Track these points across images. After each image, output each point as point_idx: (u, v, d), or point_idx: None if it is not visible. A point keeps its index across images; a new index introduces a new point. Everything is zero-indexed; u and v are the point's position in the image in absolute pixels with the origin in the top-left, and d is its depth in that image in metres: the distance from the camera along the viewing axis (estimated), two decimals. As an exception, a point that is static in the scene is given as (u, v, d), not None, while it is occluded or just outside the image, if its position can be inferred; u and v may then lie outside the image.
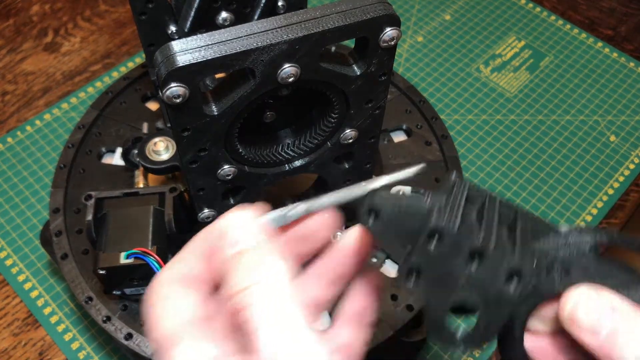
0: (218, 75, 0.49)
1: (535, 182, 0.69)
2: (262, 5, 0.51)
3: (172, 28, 0.54)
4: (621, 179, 0.69)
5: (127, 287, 0.49)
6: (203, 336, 0.26)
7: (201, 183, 0.42)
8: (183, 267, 0.29)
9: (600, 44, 0.81)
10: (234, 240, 0.27)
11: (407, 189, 0.32)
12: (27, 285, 0.60)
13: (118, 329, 0.50)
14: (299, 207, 0.29)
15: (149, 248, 0.47)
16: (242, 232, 0.27)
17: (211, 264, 0.28)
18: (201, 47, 0.33)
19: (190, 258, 0.29)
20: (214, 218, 0.45)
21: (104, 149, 0.62)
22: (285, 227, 0.30)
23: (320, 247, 0.31)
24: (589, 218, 0.66)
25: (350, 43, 0.70)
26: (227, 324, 0.27)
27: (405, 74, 0.77)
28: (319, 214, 0.30)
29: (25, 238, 0.63)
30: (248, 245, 0.27)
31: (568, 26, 0.83)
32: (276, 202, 0.51)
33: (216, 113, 0.36)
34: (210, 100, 0.37)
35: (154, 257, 0.46)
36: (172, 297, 0.27)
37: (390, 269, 0.56)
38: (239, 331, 0.25)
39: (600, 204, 0.67)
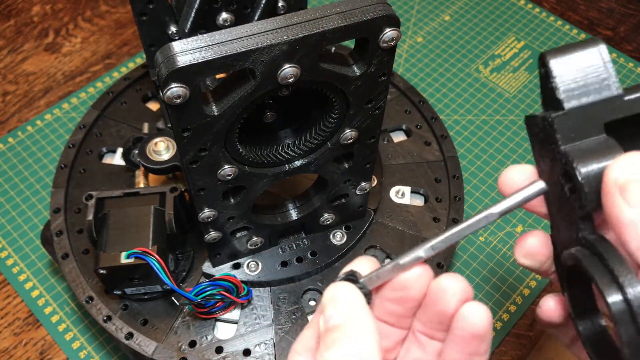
0: (218, 76, 0.49)
1: (535, 182, 0.69)
2: (262, 5, 0.51)
3: (173, 28, 0.54)
4: (620, 179, 0.69)
5: (128, 286, 0.49)
6: None
7: (201, 183, 0.42)
8: (307, 338, 0.30)
9: (599, 44, 0.81)
10: (327, 315, 0.27)
11: (406, 189, 0.31)
12: (28, 285, 0.60)
13: (119, 328, 0.50)
14: (390, 265, 0.28)
15: (150, 248, 0.47)
16: (334, 307, 0.27)
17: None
18: (202, 47, 0.33)
19: (312, 326, 0.30)
20: (214, 218, 0.46)
21: (104, 149, 0.62)
22: (380, 286, 0.29)
23: (415, 305, 0.30)
24: None
25: (350, 43, 0.70)
26: None
27: (405, 74, 0.77)
28: (410, 270, 0.29)
29: (26, 238, 0.63)
30: (336, 322, 0.27)
31: (567, 27, 0.83)
32: (276, 202, 0.52)
33: (216, 113, 0.37)
34: (211, 101, 0.37)
35: (155, 257, 0.46)
36: None
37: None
38: None
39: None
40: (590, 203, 0.25)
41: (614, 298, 0.23)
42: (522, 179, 0.30)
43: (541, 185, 0.28)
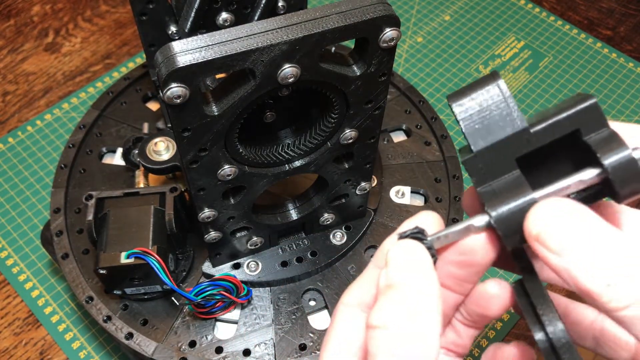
0: (218, 76, 0.49)
1: (535, 182, 0.69)
2: (262, 5, 0.51)
3: (173, 28, 0.54)
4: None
5: (128, 286, 0.49)
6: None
7: (201, 183, 0.42)
8: (358, 292, 0.30)
9: (599, 44, 0.81)
10: (390, 273, 0.26)
11: (406, 189, 0.31)
12: (28, 285, 0.60)
13: (119, 328, 0.50)
14: (461, 225, 0.27)
15: (150, 248, 0.47)
16: (398, 266, 0.26)
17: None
18: (202, 47, 0.33)
19: (365, 281, 0.30)
20: (214, 218, 0.45)
21: (104, 149, 0.62)
22: (446, 246, 0.28)
23: (480, 270, 0.29)
24: None
25: (350, 43, 0.70)
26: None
27: (405, 74, 0.77)
28: (480, 234, 0.28)
29: (26, 238, 0.63)
30: (399, 280, 0.26)
31: (567, 26, 0.83)
32: (276, 202, 0.52)
33: (216, 113, 0.37)
34: (211, 101, 0.37)
35: (155, 257, 0.46)
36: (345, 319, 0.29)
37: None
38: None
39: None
40: (510, 242, 0.26)
41: (538, 335, 0.24)
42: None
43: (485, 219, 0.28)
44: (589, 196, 0.27)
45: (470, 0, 0.86)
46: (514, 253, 0.27)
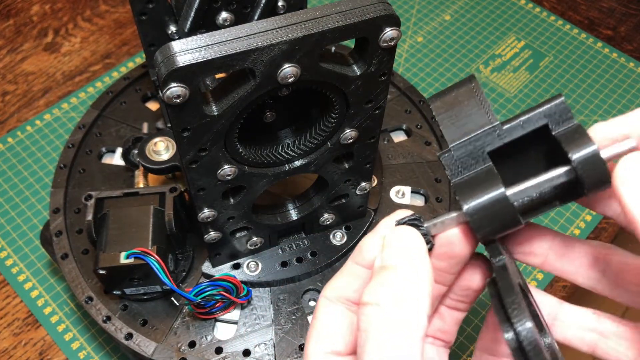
0: (218, 76, 0.49)
1: (535, 182, 0.68)
2: (262, 5, 0.51)
3: (172, 28, 0.54)
4: (621, 179, 0.69)
5: (127, 287, 0.49)
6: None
7: (201, 183, 0.42)
8: (338, 285, 0.31)
9: (600, 44, 0.81)
10: (386, 255, 0.27)
11: (407, 189, 0.32)
12: (27, 285, 0.60)
13: (118, 328, 0.50)
14: (456, 213, 0.28)
15: (149, 248, 0.47)
16: (393, 249, 0.27)
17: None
18: (201, 47, 0.33)
19: (349, 271, 0.31)
20: (214, 218, 0.45)
21: (104, 149, 0.62)
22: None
23: (460, 262, 0.29)
24: (588, 218, 0.66)
25: (350, 43, 0.70)
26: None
27: (405, 74, 0.77)
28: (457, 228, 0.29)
29: (26, 238, 0.63)
30: (393, 263, 0.27)
31: (568, 26, 0.83)
32: (276, 202, 0.52)
33: (216, 113, 0.37)
34: (211, 100, 0.37)
35: (154, 257, 0.46)
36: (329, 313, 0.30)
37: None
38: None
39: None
40: (482, 234, 0.27)
41: (508, 335, 0.25)
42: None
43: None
44: (566, 187, 0.27)
45: (471, 0, 0.86)
46: (487, 246, 0.28)
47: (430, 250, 0.29)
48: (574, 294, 0.62)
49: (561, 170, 0.26)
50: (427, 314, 0.25)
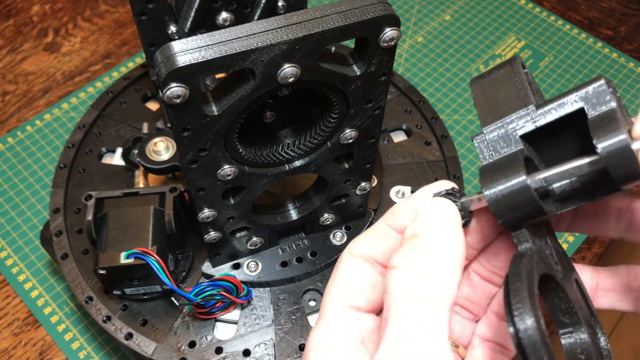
0: (218, 75, 0.49)
1: (535, 182, 0.68)
2: (262, 5, 0.51)
3: (173, 28, 0.54)
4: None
5: (127, 287, 0.49)
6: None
7: (201, 183, 0.42)
8: (365, 244, 0.31)
9: (600, 44, 0.81)
10: (418, 224, 0.27)
11: (407, 189, 0.32)
12: (28, 285, 0.60)
13: (118, 328, 0.50)
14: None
15: (149, 248, 0.47)
16: (427, 219, 0.27)
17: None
18: (201, 47, 0.33)
19: (379, 231, 0.30)
20: (214, 218, 0.45)
21: (104, 149, 0.62)
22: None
23: (484, 239, 0.30)
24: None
25: (350, 43, 0.70)
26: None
27: (405, 74, 0.77)
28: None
29: (26, 238, 0.63)
30: (425, 231, 0.27)
31: (568, 26, 0.83)
32: (276, 202, 0.52)
33: (216, 113, 0.37)
34: (211, 100, 0.37)
35: (154, 257, 0.46)
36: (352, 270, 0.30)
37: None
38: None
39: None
40: (501, 219, 0.26)
41: (510, 330, 0.24)
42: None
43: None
44: (596, 179, 0.26)
45: (471, 0, 0.86)
46: (513, 233, 0.27)
47: (465, 225, 0.28)
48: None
49: (586, 159, 0.25)
50: (455, 288, 0.25)
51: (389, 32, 0.36)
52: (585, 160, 0.25)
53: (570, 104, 0.26)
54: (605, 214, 0.31)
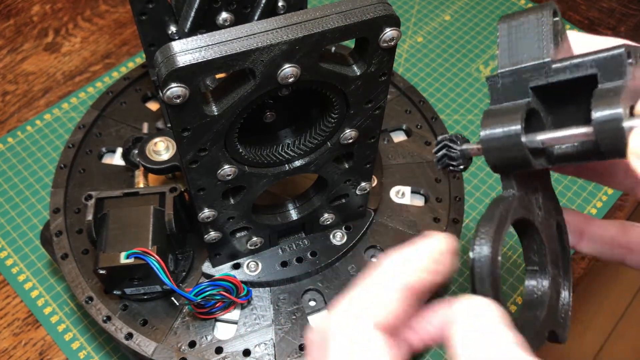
0: (218, 76, 0.49)
1: (535, 182, 0.69)
2: (262, 5, 0.51)
3: (173, 28, 0.54)
4: (621, 179, 0.69)
5: (128, 287, 0.49)
6: None
7: (201, 183, 0.42)
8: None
9: (600, 44, 0.81)
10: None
11: (406, 189, 0.32)
12: (28, 285, 0.60)
13: (118, 328, 0.50)
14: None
15: (149, 248, 0.47)
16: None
17: None
18: (201, 47, 0.33)
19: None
20: (214, 218, 0.45)
21: (104, 149, 0.62)
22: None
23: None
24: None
25: (350, 43, 0.70)
26: None
27: (405, 74, 0.77)
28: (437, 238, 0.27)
29: (26, 238, 0.63)
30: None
31: (568, 26, 0.83)
32: (276, 202, 0.52)
33: (216, 113, 0.37)
34: (211, 101, 0.37)
35: (154, 257, 0.46)
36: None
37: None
38: None
39: (599, 204, 0.67)
40: (490, 164, 0.27)
41: (470, 255, 0.25)
42: None
43: None
44: (588, 146, 0.27)
45: (471, 0, 0.86)
46: (502, 179, 0.28)
47: (464, 170, 0.29)
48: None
49: (583, 129, 0.25)
50: None
51: (389, 32, 0.36)
52: (582, 130, 0.25)
53: (585, 68, 0.26)
54: (613, 166, 0.30)
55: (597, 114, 0.24)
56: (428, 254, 0.27)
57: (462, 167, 0.29)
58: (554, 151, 0.28)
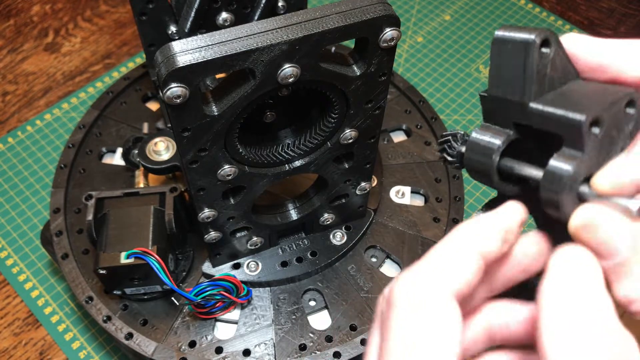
0: (218, 76, 0.49)
1: (535, 182, 0.69)
2: (262, 5, 0.51)
3: (173, 28, 0.54)
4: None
5: (128, 286, 0.49)
6: None
7: (201, 183, 0.42)
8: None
9: (599, 44, 0.81)
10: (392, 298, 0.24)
11: (406, 189, 0.32)
12: (28, 285, 0.60)
13: (118, 328, 0.50)
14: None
15: (149, 248, 0.47)
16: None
17: None
18: (201, 47, 0.33)
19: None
20: (214, 218, 0.45)
21: (104, 149, 0.62)
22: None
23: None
24: None
25: (350, 43, 0.70)
26: None
27: (405, 74, 0.77)
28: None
29: (26, 238, 0.63)
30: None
31: (567, 26, 0.83)
32: (276, 202, 0.52)
33: (216, 113, 0.37)
34: (211, 101, 0.37)
35: (154, 257, 0.46)
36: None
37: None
38: None
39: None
40: (466, 162, 0.28)
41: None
42: None
43: None
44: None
45: (470, 0, 0.86)
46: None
47: (459, 168, 0.29)
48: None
49: (534, 172, 0.26)
50: None
51: (388, 32, 0.36)
52: (533, 172, 0.26)
53: (554, 124, 0.25)
54: None
55: (551, 162, 0.24)
56: (507, 222, 0.25)
57: (457, 165, 0.29)
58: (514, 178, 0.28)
